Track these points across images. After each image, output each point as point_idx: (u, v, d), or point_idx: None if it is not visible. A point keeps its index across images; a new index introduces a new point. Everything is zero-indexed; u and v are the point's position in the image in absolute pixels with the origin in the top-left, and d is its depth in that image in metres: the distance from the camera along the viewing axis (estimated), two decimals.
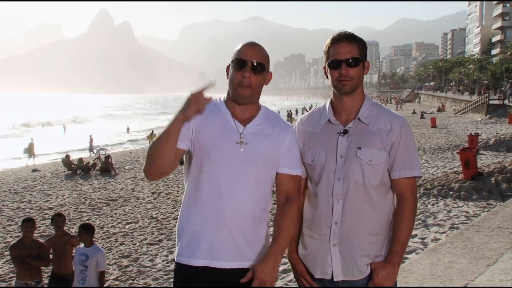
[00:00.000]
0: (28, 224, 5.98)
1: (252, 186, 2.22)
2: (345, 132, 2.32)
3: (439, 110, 58.10)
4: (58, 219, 6.15)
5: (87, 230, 5.72)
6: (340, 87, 2.29)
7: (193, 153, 2.25)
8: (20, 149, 30.08)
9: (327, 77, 2.37)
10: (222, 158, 2.20)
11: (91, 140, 33.12)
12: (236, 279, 2.19)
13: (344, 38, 2.28)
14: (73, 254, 5.95)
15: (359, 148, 2.27)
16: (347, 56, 2.25)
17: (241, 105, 2.25)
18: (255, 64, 2.20)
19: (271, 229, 2.31)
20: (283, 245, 2.28)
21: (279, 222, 2.29)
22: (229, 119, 2.25)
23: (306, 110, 59.90)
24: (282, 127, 2.33)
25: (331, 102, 2.40)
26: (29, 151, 28.57)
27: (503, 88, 51.31)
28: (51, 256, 6.02)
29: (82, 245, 5.68)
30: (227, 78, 2.28)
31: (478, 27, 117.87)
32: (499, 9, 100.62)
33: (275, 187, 2.37)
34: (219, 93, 2.48)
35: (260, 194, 2.25)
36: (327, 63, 2.32)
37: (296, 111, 61.31)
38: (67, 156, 23.08)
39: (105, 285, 7.51)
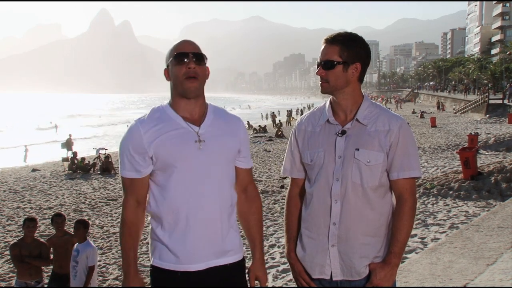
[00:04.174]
0: (30, 223, 5.98)
1: (219, 183, 2.24)
2: (343, 132, 2.31)
3: (438, 107, 58.10)
4: (57, 219, 6.15)
5: (84, 225, 5.78)
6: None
7: (156, 167, 2.23)
8: (58, 145, 31.49)
9: None
10: (184, 162, 2.19)
11: (26, 150, 29.54)
12: (216, 278, 2.23)
13: (328, 40, 2.30)
14: None
15: (357, 149, 2.27)
16: (323, 58, 2.29)
17: (189, 99, 2.23)
18: (197, 55, 2.21)
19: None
20: (262, 242, 2.46)
21: (249, 222, 2.44)
22: (182, 123, 2.23)
23: (302, 112, 59.74)
24: (235, 121, 2.38)
25: (331, 102, 2.41)
26: (67, 145, 29.16)
27: (504, 88, 51.37)
28: (51, 256, 6.02)
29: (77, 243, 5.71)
30: (167, 79, 2.27)
31: (478, 26, 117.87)
32: (498, 9, 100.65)
33: None
34: (218, 93, 2.49)
35: (227, 190, 2.29)
36: None
37: (291, 111, 61.02)
38: (74, 153, 23.20)
39: (105, 285, 7.52)
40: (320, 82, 2.32)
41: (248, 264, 2.43)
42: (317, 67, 2.32)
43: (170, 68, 2.24)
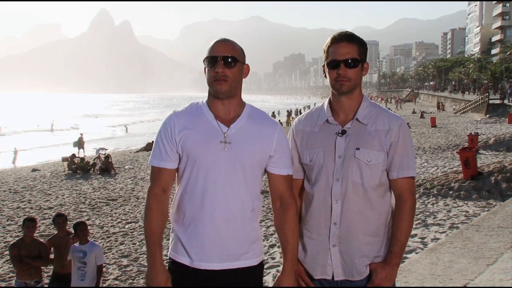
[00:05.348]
0: (29, 224, 5.98)
1: (240, 186, 2.23)
2: (343, 132, 2.31)
3: (438, 107, 58.08)
4: (59, 220, 6.15)
5: (87, 227, 5.86)
6: (337, 87, 2.30)
7: (181, 160, 2.28)
8: (70, 144, 32.02)
9: (325, 76, 2.37)
10: (207, 160, 2.21)
11: (15, 152, 29.92)
12: (225, 280, 2.21)
13: (345, 38, 2.28)
14: None
15: (357, 149, 2.27)
16: (346, 56, 2.25)
17: (222, 100, 2.25)
18: (226, 58, 2.21)
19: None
20: (296, 253, 2.34)
21: (283, 230, 2.32)
22: (212, 121, 2.26)
23: (300, 112, 59.68)
24: (269, 125, 2.31)
25: (330, 102, 2.40)
26: (79, 144, 29.77)
27: (504, 89, 51.36)
28: (52, 256, 6.02)
29: (77, 243, 5.73)
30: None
31: (478, 26, 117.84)
32: (498, 9, 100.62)
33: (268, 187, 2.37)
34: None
35: (249, 194, 2.25)
36: (326, 62, 2.32)
37: (290, 111, 60.95)
38: (73, 154, 23.22)
39: (105, 285, 7.54)
40: (341, 81, 2.27)
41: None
42: (331, 66, 2.28)
43: (205, 67, 2.28)
